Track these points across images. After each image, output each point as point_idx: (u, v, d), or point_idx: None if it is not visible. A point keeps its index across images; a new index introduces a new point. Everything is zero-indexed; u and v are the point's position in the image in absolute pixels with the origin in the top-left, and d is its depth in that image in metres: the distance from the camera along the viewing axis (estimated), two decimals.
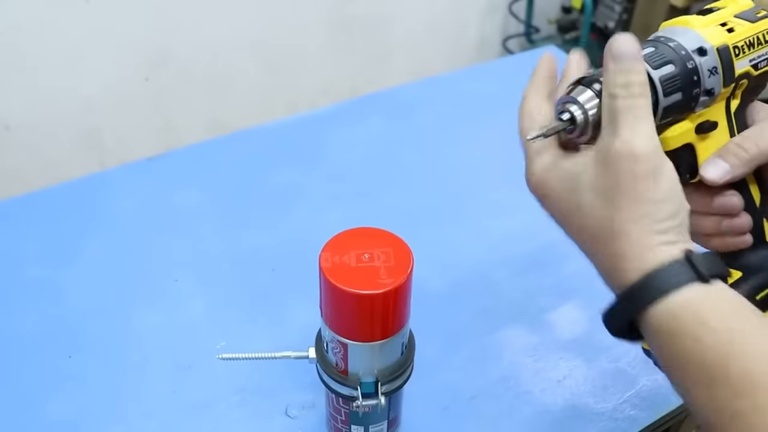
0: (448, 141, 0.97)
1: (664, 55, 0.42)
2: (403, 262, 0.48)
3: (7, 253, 0.80)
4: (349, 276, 0.46)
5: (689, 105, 0.44)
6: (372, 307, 0.46)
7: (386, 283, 0.46)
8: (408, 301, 0.50)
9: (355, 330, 0.48)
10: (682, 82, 0.42)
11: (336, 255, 0.48)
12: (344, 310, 0.48)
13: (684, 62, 0.42)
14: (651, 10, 1.93)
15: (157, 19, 1.70)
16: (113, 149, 1.84)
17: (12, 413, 0.64)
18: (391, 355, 0.52)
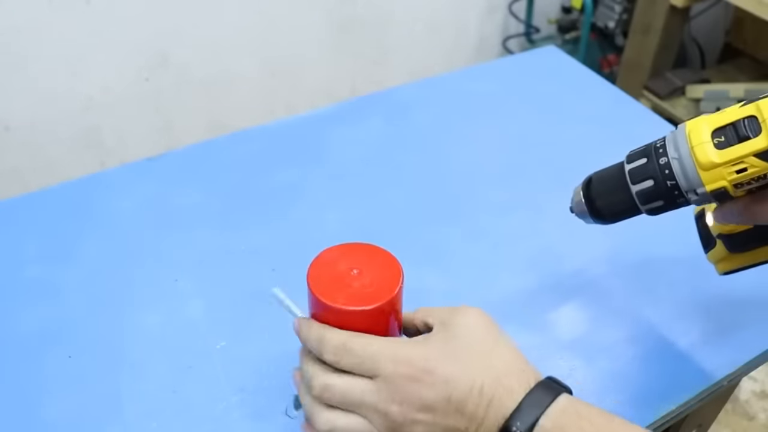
0: (448, 141, 0.97)
1: (647, 171, 0.47)
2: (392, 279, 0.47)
3: (6, 253, 0.80)
4: (336, 291, 0.46)
5: (679, 206, 0.48)
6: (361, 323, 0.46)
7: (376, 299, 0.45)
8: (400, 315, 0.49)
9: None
10: (659, 194, 0.47)
11: (324, 270, 0.48)
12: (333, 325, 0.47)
13: (665, 181, 0.47)
14: (651, 10, 1.93)
15: (157, 19, 1.71)
16: (113, 149, 1.84)
17: (11, 413, 0.64)
18: None
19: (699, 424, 0.83)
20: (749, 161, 0.43)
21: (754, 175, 0.43)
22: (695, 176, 0.44)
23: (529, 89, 1.08)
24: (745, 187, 0.44)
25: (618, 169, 0.52)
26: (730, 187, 0.44)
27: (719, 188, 0.44)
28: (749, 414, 1.54)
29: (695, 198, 0.46)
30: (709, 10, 2.14)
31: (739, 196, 0.46)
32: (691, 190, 0.45)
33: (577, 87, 1.08)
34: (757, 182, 0.44)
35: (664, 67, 2.04)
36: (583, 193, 0.54)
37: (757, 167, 0.42)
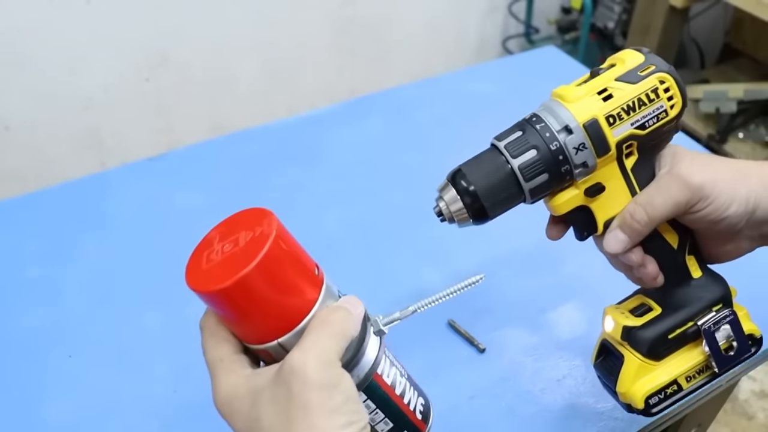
0: (448, 141, 0.97)
1: (528, 141, 0.44)
2: (265, 235, 0.38)
3: (6, 253, 0.80)
4: (213, 274, 0.39)
5: (563, 179, 0.45)
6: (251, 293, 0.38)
7: (249, 260, 0.37)
8: (300, 266, 0.40)
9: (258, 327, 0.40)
10: (546, 164, 0.44)
11: (198, 261, 0.41)
12: (234, 315, 0.41)
13: (547, 144, 0.44)
14: (650, 11, 1.94)
15: (157, 20, 1.71)
16: (113, 149, 1.85)
17: (12, 413, 0.64)
18: None
19: (698, 423, 0.83)
20: (612, 86, 0.44)
21: (623, 103, 0.43)
22: (565, 111, 0.44)
23: (529, 89, 1.08)
24: (619, 124, 0.44)
25: (488, 152, 0.47)
26: (602, 118, 0.43)
27: (591, 119, 0.43)
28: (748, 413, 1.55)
29: (578, 157, 0.43)
30: (709, 10, 2.14)
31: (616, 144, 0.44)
32: (563, 128, 0.43)
33: None
34: (629, 116, 0.43)
35: None
36: (456, 188, 0.47)
37: (623, 90, 0.43)
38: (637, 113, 0.44)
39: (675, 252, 0.48)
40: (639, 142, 0.45)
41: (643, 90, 0.44)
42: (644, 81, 0.44)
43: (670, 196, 0.44)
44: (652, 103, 0.44)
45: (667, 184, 0.45)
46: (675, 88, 0.45)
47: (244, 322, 0.40)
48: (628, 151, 0.46)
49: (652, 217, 0.45)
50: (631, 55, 0.46)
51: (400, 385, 0.47)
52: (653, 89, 0.44)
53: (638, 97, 0.44)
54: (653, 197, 0.45)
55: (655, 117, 0.44)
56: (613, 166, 0.46)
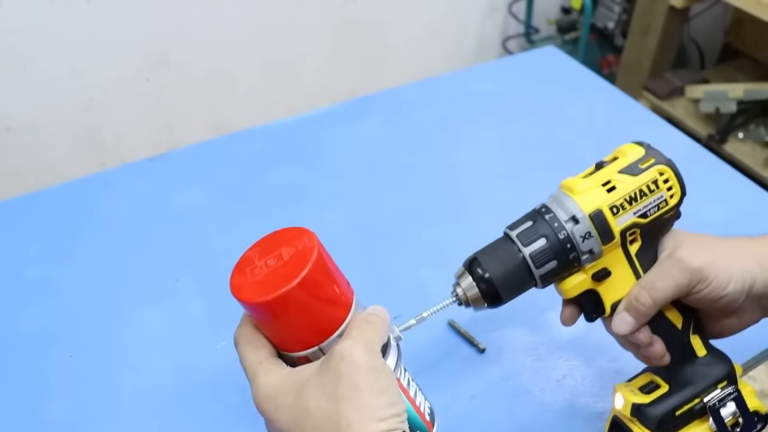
0: (448, 141, 0.97)
1: (537, 231, 0.48)
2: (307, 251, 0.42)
3: (7, 253, 0.80)
4: (259, 287, 0.42)
5: (571, 266, 0.48)
6: (297, 304, 0.42)
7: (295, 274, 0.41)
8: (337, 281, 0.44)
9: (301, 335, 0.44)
10: (554, 251, 0.47)
11: (243, 274, 0.44)
12: (280, 323, 0.44)
13: (556, 234, 0.47)
14: (650, 10, 1.93)
15: (157, 20, 1.71)
16: (113, 149, 1.84)
17: (12, 413, 0.64)
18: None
19: None
20: (615, 178, 0.47)
21: (626, 194, 0.47)
22: (572, 203, 0.47)
23: (529, 89, 1.08)
24: (623, 214, 0.47)
25: (501, 241, 0.51)
26: (607, 209, 0.47)
27: (596, 210, 0.46)
28: None
29: (585, 245, 0.47)
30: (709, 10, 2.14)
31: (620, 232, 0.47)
32: (570, 218, 0.47)
33: (576, 87, 1.08)
34: (631, 206, 0.47)
35: (663, 68, 2.04)
36: (473, 275, 0.50)
37: (625, 182, 0.47)
38: (638, 203, 0.47)
39: (680, 332, 0.50)
40: (641, 230, 0.48)
41: (644, 182, 0.47)
42: (645, 173, 0.47)
43: (672, 280, 0.47)
44: (652, 194, 0.47)
45: (668, 268, 0.48)
46: (674, 179, 0.48)
47: (291, 329, 0.43)
48: (632, 237, 0.49)
49: (655, 300, 0.48)
50: (633, 148, 0.49)
51: (412, 388, 0.50)
52: (653, 181, 0.47)
53: (639, 189, 0.47)
54: (656, 281, 0.48)
55: (656, 206, 0.48)
56: (618, 252, 0.49)
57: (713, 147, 1.86)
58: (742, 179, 0.89)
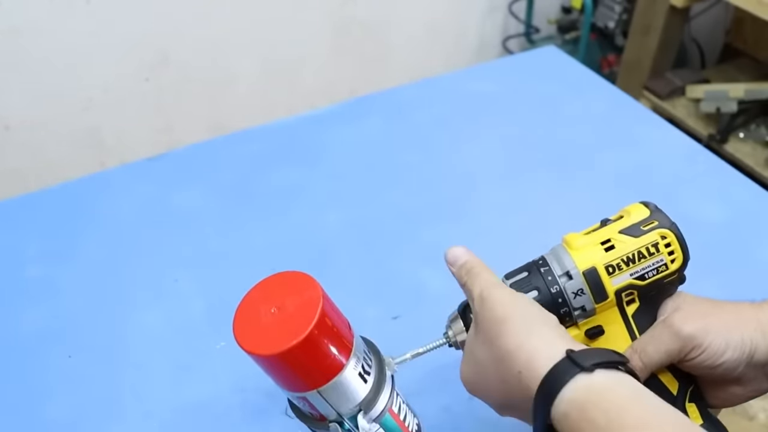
0: (448, 141, 0.97)
1: (531, 282, 0.48)
2: (311, 304, 0.45)
3: (7, 253, 0.80)
4: (262, 338, 0.44)
5: (563, 320, 0.47)
6: (298, 359, 0.44)
7: (299, 332, 0.43)
8: (340, 331, 0.47)
9: (301, 383, 0.47)
10: (546, 305, 0.46)
11: (247, 320, 0.46)
12: (279, 371, 0.46)
13: (548, 287, 0.47)
14: (651, 10, 1.93)
15: (157, 19, 1.71)
16: (113, 149, 1.85)
17: (12, 413, 0.64)
18: (353, 388, 0.49)
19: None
20: (615, 237, 0.47)
21: (623, 254, 0.46)
22: (567, 258, 0.47)
23: (529, 89, 1.08)
24: (619, 274, 0.46)
25: None
26: (602, 268, 0.46)
27: (590, 268, 0.46)
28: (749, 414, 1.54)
29: (576, 301, 0.46)
30: (709, 10, 2.14)
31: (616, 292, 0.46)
32: (564, 273, 0.46)
33: (577, 87, 1.08)
34: (628, 267, 0.46)
35: (664, 67, 2.04)
36: (464, 321, 0.50)
37: (624, 242, 0.46)
38: (636, 265, 0.46)
39: (674, 398, 0.49)
40: (639, 292, 0.47)
41: (643, 244, 0.46)
42: (646, 235, 0.47)
43: (663, 345, 0.46)
44: (652, 257, 0.46)
45: (659, 334, 0.47)
46: (676, 244, 0.47)
47: (292, 377, 0.46)
48: (629, 298, 0.48)
49: (646, 365, 0.47)
50: (638, 209, 0.48)
51: (402, 412, 0.54)
52: (654, 244, 0.46)
53: (638, 250, 0.46)
54: (647, 345, 0.47)
55: (655, 269, 0.47)
56: (613, 311, 0.48)
57: (714, 147, 1.86)
58: (743, 179, 0.89)
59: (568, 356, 0.39)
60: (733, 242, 0.78)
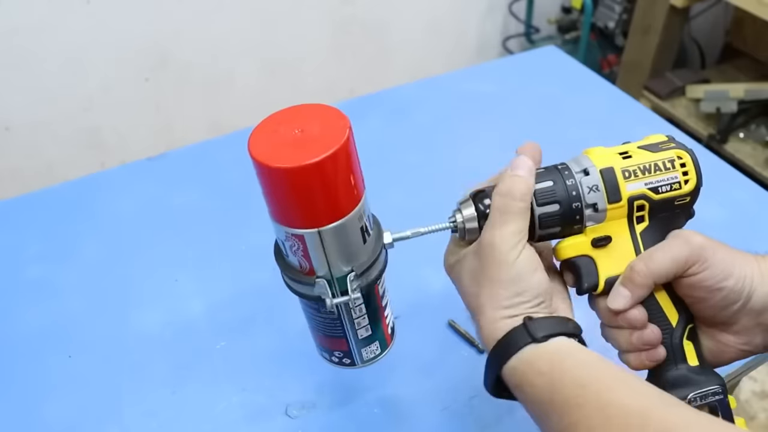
0: (448, 141, 0.97)
1: (547, 175, 0.48)
2: (338, 131, 0.43)
3: (6, 253, 0.80)
4: (280, 153, 0.42)
5: (573, 217, 0.47)
6: (313, 181, 0.42)
7: (321, 152, 0.41)
8: (356, 173, 0.45)
9: (305, 215, 0.44)
10: (559, 195, 0.47)
11: (265, 136, 0.43)
12: (287, 193, 0.43)
13: (564, 180, 0.48)
14: (651, 10, 1.93)
15: (157, 19, 1.71)
16: (113, 149, 1.84)
17: (12, 413, 0.64)
18: (353, 242, 0.47)
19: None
20: (633, 150, 0.48)
21: (640, 163, 0.47)
22: (587, 160, 0.48)
23: (529, 89, 1.08)
24: (634, 180, 0.47)
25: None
26: (618, 170, 0.47)
27: (607, 167, 0.47)
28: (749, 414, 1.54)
29: (590, 196, 0.46)
30: (709, 10, 2.14)
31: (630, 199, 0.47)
32: (582, 170, 0.47)
33: (577, 87, 1.08)
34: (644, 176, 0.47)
35: (664, 67, 2.04)
36: (476, 207, 0.49)
37: (642, 155, 0.48)
38: (651, 176, 0.47)
39: (673, 330, 0.49)
40: (651, 206, 0.48)
41: (659, 158, 0.48)
42: (663, 152, 0.48)
43: (670, 251, 0.46)
44: (667, 171, 0.47)
45: (668, 242, 0.47)
46: (691, 166, 0.48)
47: (294, 204, 0.44)
48: (640, 214, 0.48)
49: (651, 270, 0.46)
50: (658, 136, 0.50)
51: (384, 301, 0.54)
52: (670, 159, 0.48)
53: (654, 162, 0.47)
54: (654, 252, 0.47)
55: (669, 185, 0.47)
56: (622, 223, 0.48)
57: (714, 147, 1.86)
58: (743, 179, 0.89)
59: (525, 324, 0.43)
60: (733, 242, 0.77)
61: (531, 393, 0.42)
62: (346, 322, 0.52)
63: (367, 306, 0.52)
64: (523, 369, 0.43)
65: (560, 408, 0.40)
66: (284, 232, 0.46)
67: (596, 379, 0.40)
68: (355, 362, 0.56)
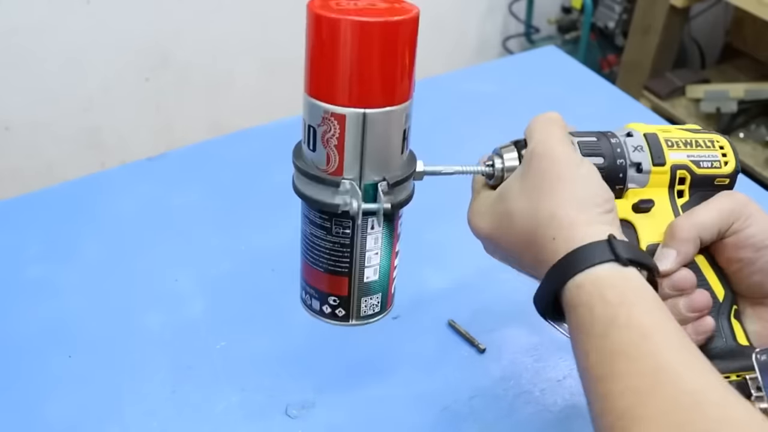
0: (448, 141, 0.97)
1: (593, 132, 0.48)
2: (406, 11, 0.41)
3: (6, 253, 0.80)
4: (345, 11, 0.38)
5: (616, 174, 0.47)
6: (376, 46, 0.39)
7: (393, 12, 0.39)
8: (413, 63, 0.42)
9: (358, 86, 0.40)
10: (603, 149, 0.47)
11: (326, 2, 0.40)
12: (341, 55, 0.39)
13: (608, 139, 0.48)
14: (651, 10, 1.93)
15: (157, 19, 1.70)
16: (113, 149, 1.84)
17: (12, 413, 0.64)
18: (393, 143, 0.44)
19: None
20: (674, 130, 0.49)
21: (682, 137, 0.48)
22: (631, 128, 0.49)
23: (529, 89, 1.08)
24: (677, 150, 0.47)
25: None
26: (662, 137, 0.48)
27: (652, 132, 0.48)
28: None
29: (634, 155, 0.46)
30: (709, 10, 2.14)
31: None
32: (626, 133, 0.48)
33: (577, 87, 1.08)
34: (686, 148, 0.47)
35: (664, 67, 2.04)
36: (519, 152, 0.48)
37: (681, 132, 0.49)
38: (693, 149, 0.48)
39: (720, 305, 0.46)
40: (692, 180, 0.48)
41: (700, 137, 0.49)
42: (702, 134, 0.49)
43: (714, 205, 0.45)
44: (707, 149, 0.48)
45: (714, 199, 0.46)
46: (729, 149, 0.48)
47: (350, 70, 0.40)
48: (681, 188, 0.48)
49: (694, 223, 0.45)
50: (694, 125, 0.52)
51: (398, 248, 0.50)
52: (709, 140, 0.49)
53: (695, 139, 0.48)
54: (697, 209, 0.46)
55: (710, 162, 0.48)
56: (664, 191, 0.48)
57: None
58: (743, 179, 0.89)
59: (609, 241, 0.38)
60: None
61: (587, 319, 0.37)
62: (356, 251, 0.45)
63: (384, 238, 0.46)
64: (589, 290, 0.37)
65: (611, 350, 0.35)
66: (322, 112, 0.41)
67: (660, 335, 0.35)
68: (349, 315, 0.49)
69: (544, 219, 0.40)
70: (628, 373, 0.34)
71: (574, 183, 0.41)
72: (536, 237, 0.41)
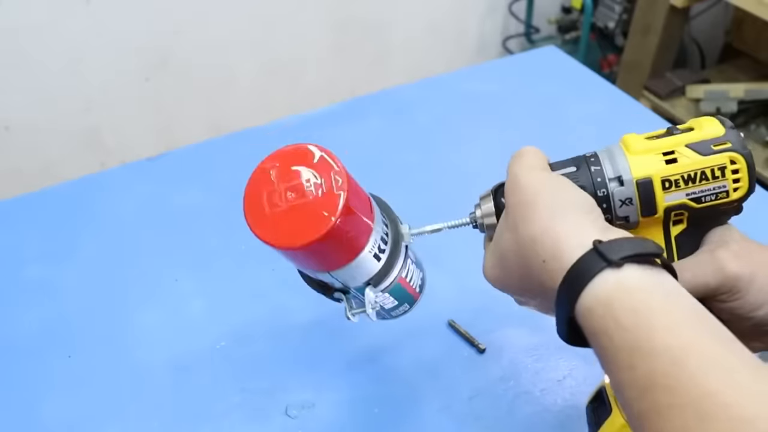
0: (448, 141, 0.97)
1: (578, 179, 0.43)
2: (333, 180, 0.43)
3: (6, 253, 0.80)
4: (285, 227, 0.41)
5: (599, 205, 0.43)
6: (316, 250, 0.41)
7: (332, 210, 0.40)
8: (359, 218, 0.44)
9: (314, 266, 0.45)
10: (582, 179, 0.43)
11: (259, 208, 0.43)
12: (295, 258, 0.44)
13: (595, 189, 0.43)
14: (651, 10, 1.93)
15: (157, 19, 1.70)
16: (113, 149, 1.84)
17: (11, 413, 0.64)
18: (366, 268, 0.47)
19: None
20: (681, 150, 0.42)
21: (685, 171, 0.41)
22: (623, 161, 0.42)
23: (529, 89, 1.08)
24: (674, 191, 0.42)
25: None
26: (658, 181, 0.42)
27: (645, 177, 0.42)
28: None
29: (621, 210, 0.42)
30: (709, 10, 2.14)
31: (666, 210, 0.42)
32: (616, 178, 0.42)
33: (577, 87, 1.08)
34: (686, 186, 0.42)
35: (664, 67, 2.04)
36: (495, 203, 0.47)
37: (689, 158, 0.41)
38: (695, 186, 0.42)
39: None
40: (690, 214, 0.43)
41: (709, 165, 0.42)
42: (714, 156, 0.42)
43: (702, 277, 0.42)
44: (715, 180, 0.42)
45: (702, 263, 0.43)
46: (744, 173, 0.42)
47: (313, 261, 0.44)
48: (677, 218, 0.44)
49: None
50: (713, 124, 0.43)
51: (410, 274, 0.52)
52: (721, 167, 0.42)
53: (702, 170, 0.42)
54: (684, 271, 0.42)
55: (714, 195, 0.42)
56: (657, 228, 0.44)
57: None
58: None
59: (595, 248, 0.35)
60: None
61: (609, 351, 0.34)
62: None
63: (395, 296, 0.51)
64: (600, 313, 0.34)
65: (644, 385, 0.31)
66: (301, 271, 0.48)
67: (693, 357, 0.31)
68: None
69: (527, 245, 0.39)
70: (669, 407, 0.30)
71: (545, 201, 0.39)
72: (530, 267, 0.39)
